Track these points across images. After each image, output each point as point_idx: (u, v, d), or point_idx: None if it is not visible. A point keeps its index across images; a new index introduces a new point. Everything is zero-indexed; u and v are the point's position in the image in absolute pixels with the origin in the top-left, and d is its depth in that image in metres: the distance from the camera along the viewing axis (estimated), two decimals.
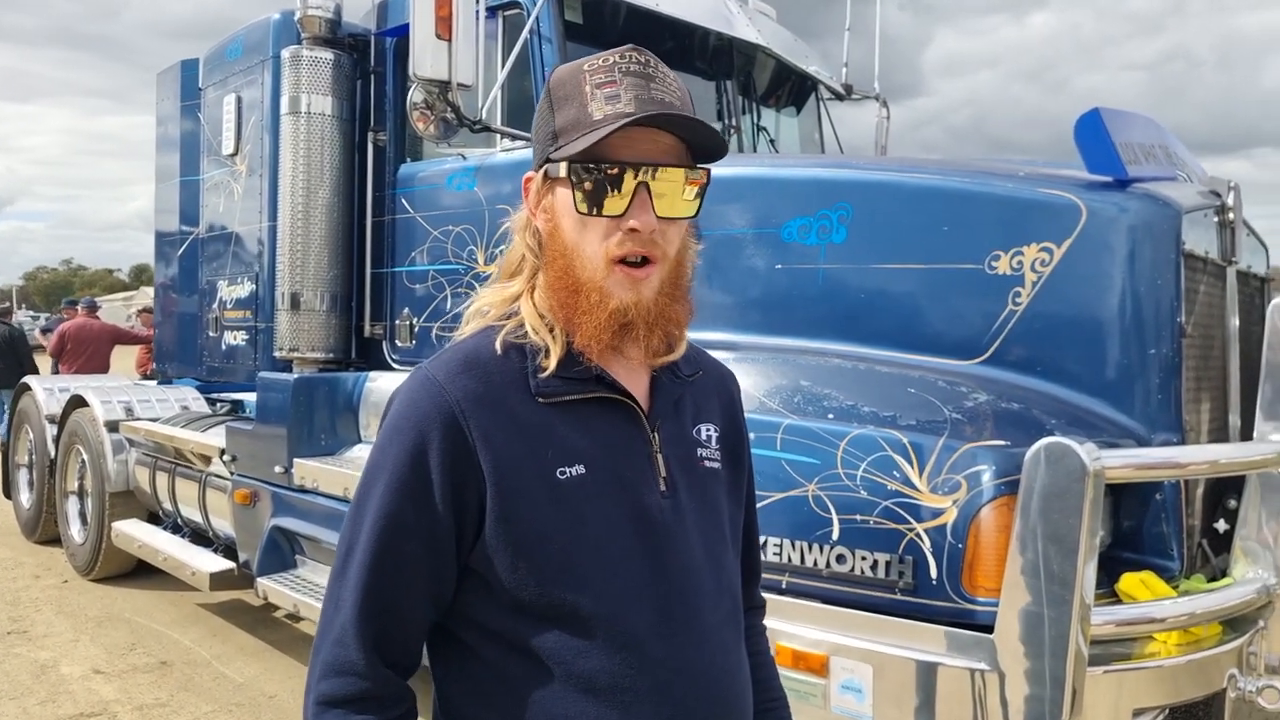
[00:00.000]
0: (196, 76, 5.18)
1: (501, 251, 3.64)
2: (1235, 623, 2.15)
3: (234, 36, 4.87)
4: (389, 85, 4.21)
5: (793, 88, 4.64)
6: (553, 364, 1.07)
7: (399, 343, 4.16)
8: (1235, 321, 2.71)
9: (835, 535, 2.16)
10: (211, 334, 5.08)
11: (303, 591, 3.92)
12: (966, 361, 2.55)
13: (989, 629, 1.92)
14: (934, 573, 2.03)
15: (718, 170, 3.23)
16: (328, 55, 4.13)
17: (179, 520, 5.32)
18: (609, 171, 1.03)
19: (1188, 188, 2.65)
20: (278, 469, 4.11)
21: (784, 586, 2.22)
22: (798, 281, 2.90)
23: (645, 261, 1.06)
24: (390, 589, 1.04)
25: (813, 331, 2.83)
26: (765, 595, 2.21)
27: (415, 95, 3.10)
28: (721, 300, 3.06)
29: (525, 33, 3.45)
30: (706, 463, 1.17)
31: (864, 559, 2.12)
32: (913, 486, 2.09)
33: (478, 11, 3.22)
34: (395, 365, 4.20)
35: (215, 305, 5.02)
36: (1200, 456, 2.17)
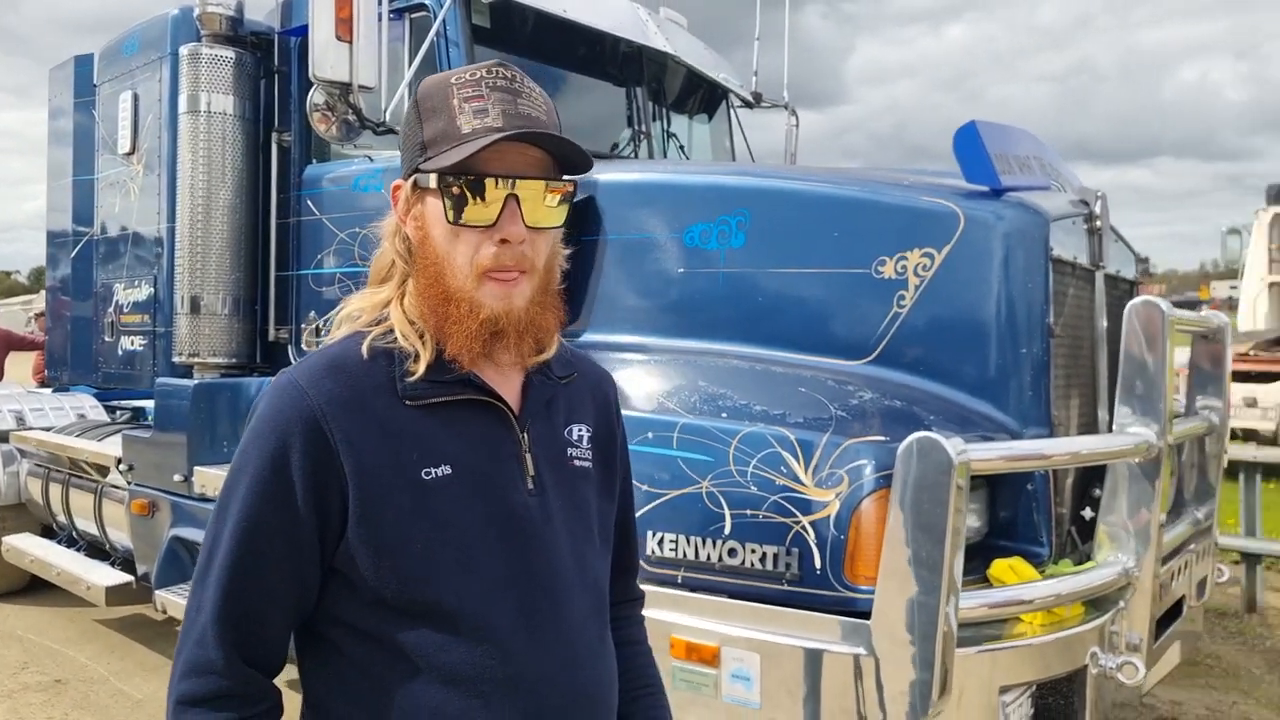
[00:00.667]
0: (91, 72, 5.00)
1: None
2: (1097, 603, 2.30)
3: (130, 32, 4.72)
4: (293, 85, 4.13)
5: (703, 95, 4.74)
6: (421, 368, 1.09)
7: (305, 347, 4.09)
8: (1104, 323, 2.89)
9: (727, 530, 2.23)
10: (108, 339, 4.90)
11: None
12: (855, 362, 2.66)
13: (869, 615, 2.02)
14: (818, 563, 2.11)
15: (624, 176, 3.32)
16: (229, 53, 4.04)
17: (74, 533, 5.12)
18: (479, 183, 1.05)
19: (1059, 197, 2.82)
20: (177, 477, 4.00)
21: (679, 581, 2.28)
22: (699, 285, 2.97)
23: (516, 272, 1.09)
24: (251, 591, 1.05)
25: (713, 333, 2.91)
26: (663, 590, 2.28)
27: (316, 96, 3.07)
28: (627, 302, 3.11)
29: (431, 35, 3.45)
30: (576, 462, 1.20)
31: (754, 552, 2.19)
32: (799, 481, 2.18)
33: (380, 13, 3.21)
34: None
35: (112, 309, 4.84)
36: (1063, 448, 2.32)
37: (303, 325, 4.10)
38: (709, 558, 2.25)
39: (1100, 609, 2.29)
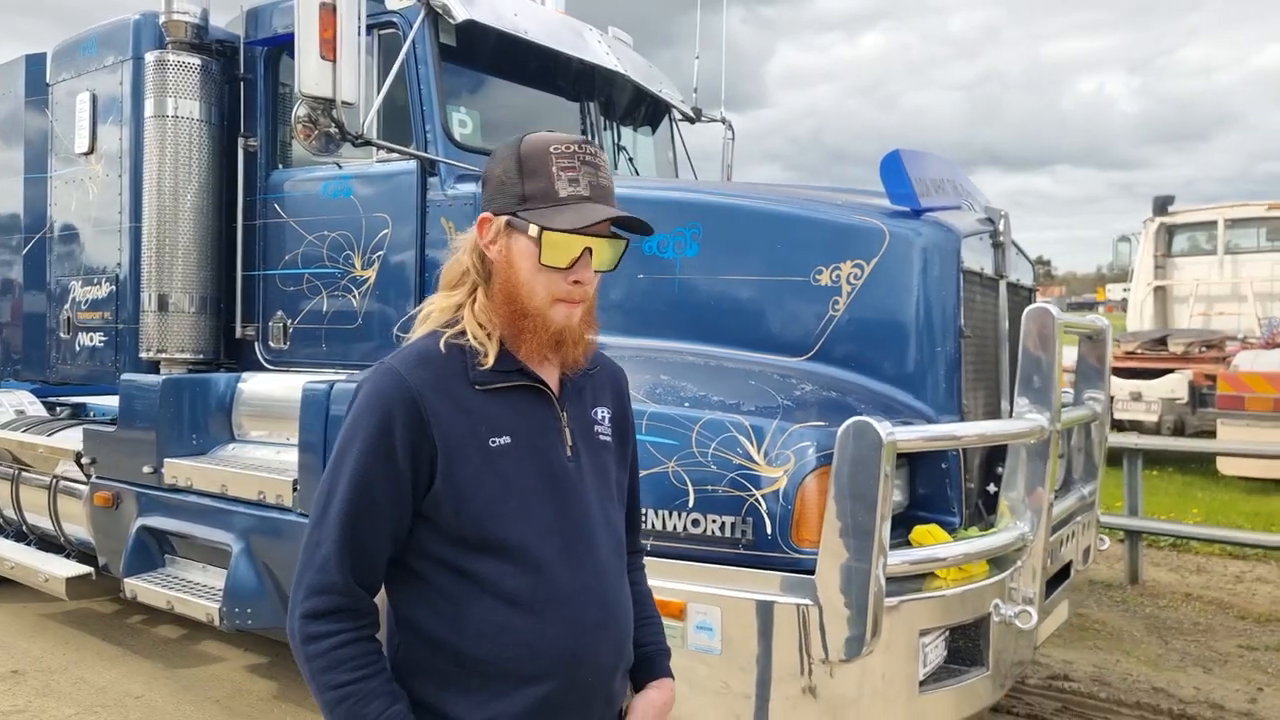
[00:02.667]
0: (44, 71, 5.03)
1: (380, 256, 3.88)
2: (999, 562, 2.72)
3: (89, 33, 4.78)
4: (259, 92, 4.31)
5: (648, 110, 5.07)
6: (490, 362, 1.41)
7: (272, 344, 4.28)
8: (1006, 325, 3.33)
9: (691, 504, 2.57)
10: (64, 336, 4.96)
11: (177, 588, 3.97)
12: (796, 358, 3.03)
13: (812, 572, 2.38)
14: (769, 530, 2.47)
15: None
16: (195, 61, 4.19)
17: (23, 528, 5.15)
18: (566, 238, 1.37)
19: (969, 216, 3.25)
20: (146, 469, 4.14)
21: (649, 549, 2.59)
22: (657, 290, 3.30)
23: (580, 300, 1.43)
24: (364, 528, 1.35)
25: (671, 333, 3.24)
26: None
27: (300, 110, 3.28)
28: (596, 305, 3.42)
29: (402, 55, 3.69)
30: (600, 436, 1.53)
31: (714, 522, 2.54)
32: (753, 461, 2.53)
33: (360, 29, 3.42)
34: (268, 366, 4.31)
35: (68, 306, 4.90)
36: (972, 431, 2.74)
37: (270, 323, 4.28)
38: (675, 528, 2.58)
39: (1001, 567, 2.71)
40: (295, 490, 3.55)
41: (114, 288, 4.62)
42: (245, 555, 3.72)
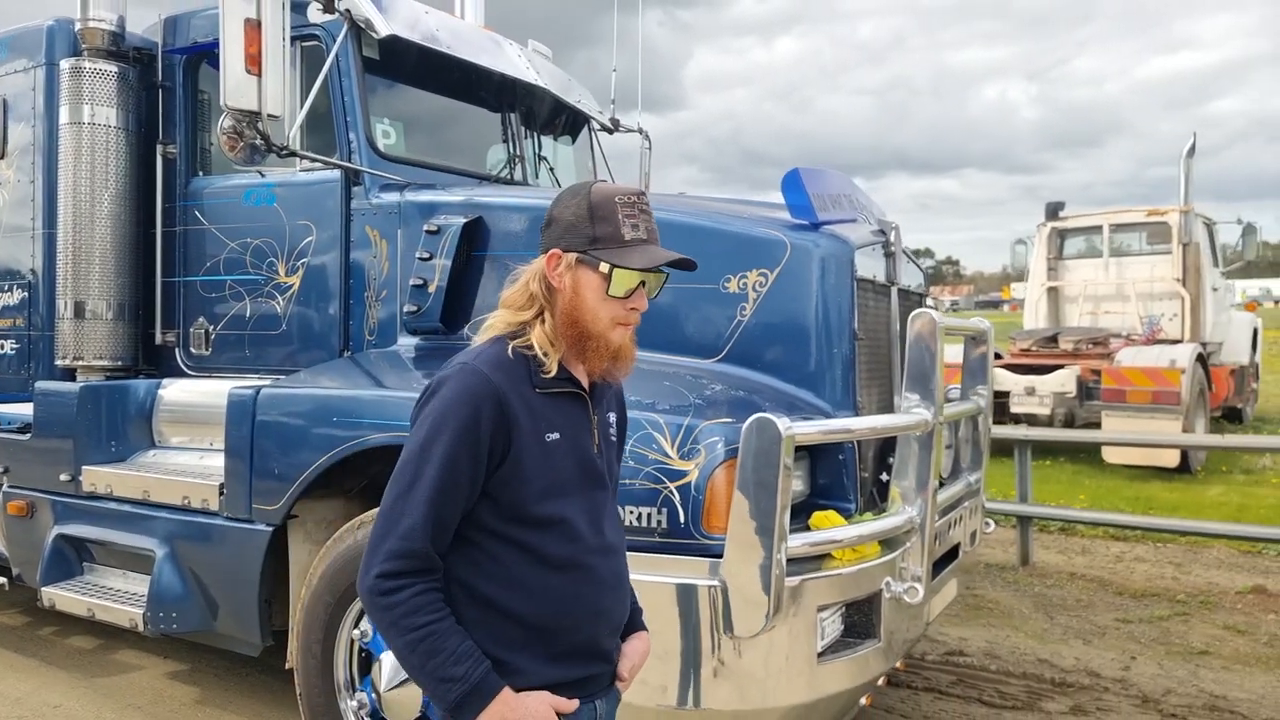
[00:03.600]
0: None
1: (304, 263, 3.96)
2: (890, 543, 2.99)
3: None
4: (178, 100, 4.32)
5: (567, 121, 5.24)
6: (553, 371, 1.69)
7: (193, 350, 4.30)
8: (897, 327, 3.63)
9: None
10: None
11: (97, 595, 3.97)
12: (708, 360, 3.25)
13: (720, 556, 2.60)
14: (682, 519, 2.68)
15: (509, 199, 3.92)
16: (112, 68, 4.19)
17: None
18: (628, 275, 1.67)
19: (863, 228, 3.52)
20: (64, 477, 4.11)
21: None
22: None
23: (632, 323, 1.74)
24: (447, 504, 1.61)
25: None
26: None
27: (225, 122, 3.34)
28: None
29: (326, 67, 3.78)
30: (611, 436, 1.88)
31: (632, 513, 2.73)
32: (667, 455, 2.74)
33: (285, 43, 3.49)
34: (189, 372, 4.33)
35: None
36: (864, 424, 3.00)
37: (191, 329, 4.30)
38: None
39: (891, 548, 2.98)
40: (221, 494, 3.61)
41: (27, 294, 4.56)
42: (170, 560, 3.75)
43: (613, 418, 1.88)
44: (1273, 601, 5.84)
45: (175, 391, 4.27)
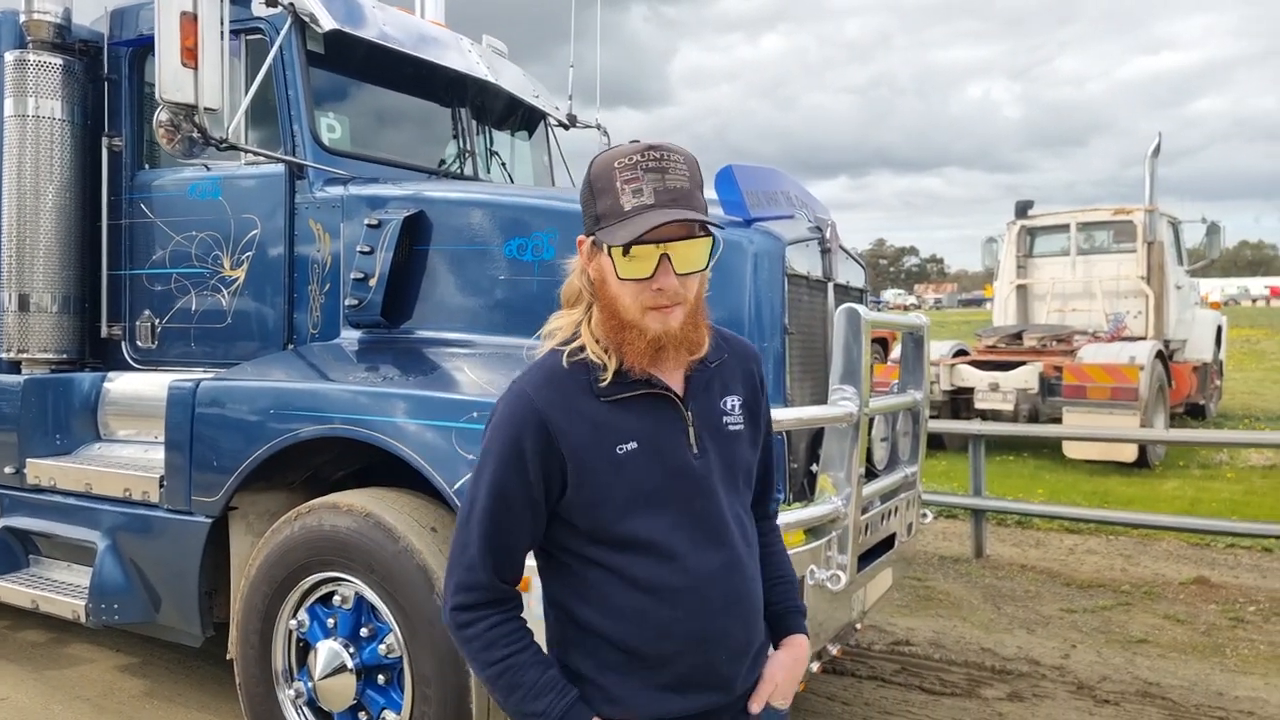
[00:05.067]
0: None
1: (249, 257, 3.97)
2: (815, 532, 3.05)
3: None
4: (124, 92, 4.32)
5: (523, 117, 5.26)
6: (609, 376, 1.52)
7: (140, 343, 4.30)
8: (833, 323, 3.67)
9: None
10: None
11: (42, 587, 3.98)
12: None
13: None
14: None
15: (452, 194, 3.94)
16: (56, 60, 4.18)
17: None
18: (638, 250, 1.43)
19: (799, 225, 3.57)
20: (8, 470, 4.12)
21: None
22: (517, 290, 3.51)
23: (674, 304, 1.48)
24: (502, 531, 1.52)
25: (529, 331, 3.39)
26: None
27: (161, 115, 3.35)
28: (455, 304, 3.61)
29: (270, 59, 3.79)
30: (730, 426, 1.61)
31: None
32: None
33: (223, 35, 3.50)
34: (135, 365, 4.33)
35: None
36: (792, 415, 3.06)
37: (137, 322, 4.30)
38: None
39: (817, 536, 3.04)
40: (162, 487, 3.62)
41: None
42: (111, 552, 3.77)
43: (732, 403, 1.61)
44: (1214, 592, 5.97)
45: (121, 384, 4.28)
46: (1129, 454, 9.58)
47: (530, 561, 1.61)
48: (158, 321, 4.24)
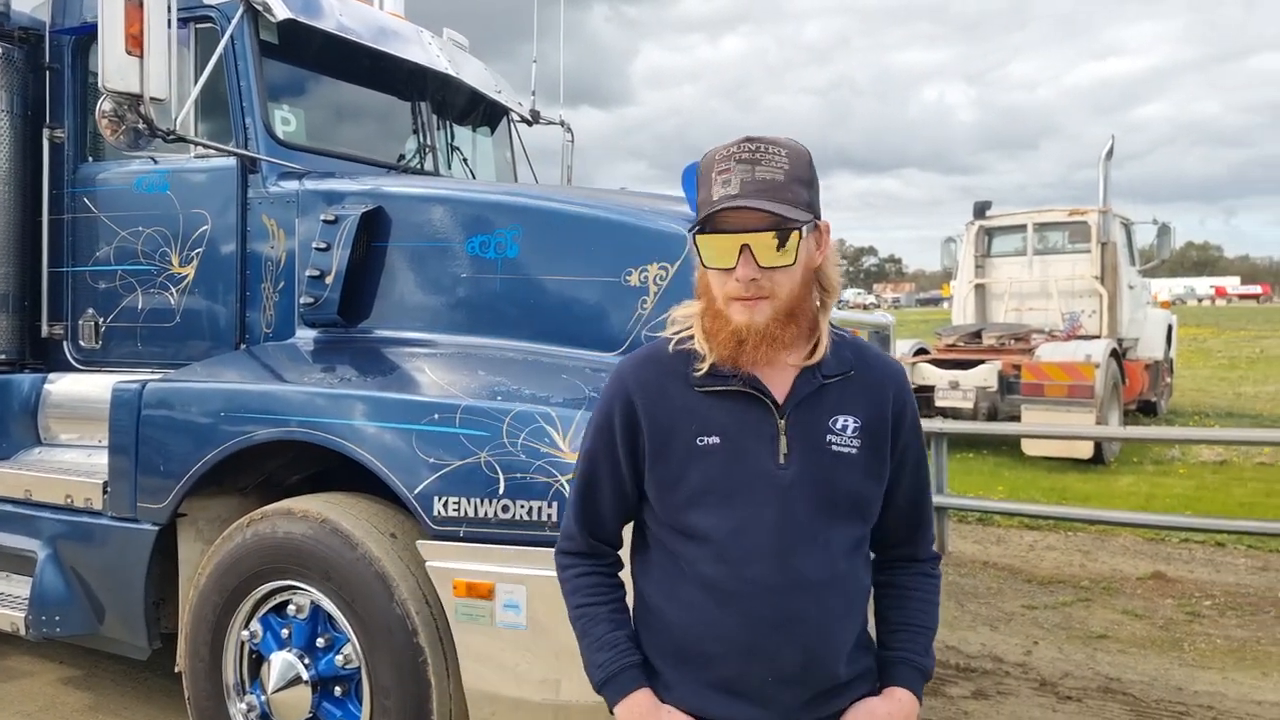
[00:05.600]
0: None
1: (199, 253, 3.83)
2: None
3: None
4: (66, 82, 4.14)
5: (485, 112, 5.16)
6: (705, 367, 1.52)
7: (83, 343, 4.13)
8: None
9: (502, 491, 2.72)
10: None
11: None
12: (609, 353, 3.21)
13: None
14: (569, 509, 2.65)
15: (412, 190, 3.83)
16: None
17: None
18: (717, 238, 1.45)
19: None
20: None
21: (462, 535, 2.75)
22: (480, 289, 3.42)
23: (757, 298, 1.46)
24: (590, 491, 1.64)
25: (492, 330, 3.37)
26: (448, 544, 2.71)
27: (105, 105, 3.21)
28: (416, 303, 3.51)
29: (220, 48, 3.65)
30: (834, 446, 1.53)
31: (523, 507, 2.70)
32: (559, 449, 2.71)
33: (170, 23, 3.35)
34: (78, 366, 4.15)
35: None
36: None
37: (80, 322, 4.13)
38: (486, 515, 2.72)
39: None
40: (106, 493, 3.47)
41: None
42: (52, 561, 3.60)
43: (845, 422, 1.54)
44: (1170, 586, 6.07)
45: (62, 386, 4.10)
46: (1085, 451, 9.74)
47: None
48: (102, 321, 4.07)
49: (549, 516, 2.67)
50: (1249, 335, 30.42)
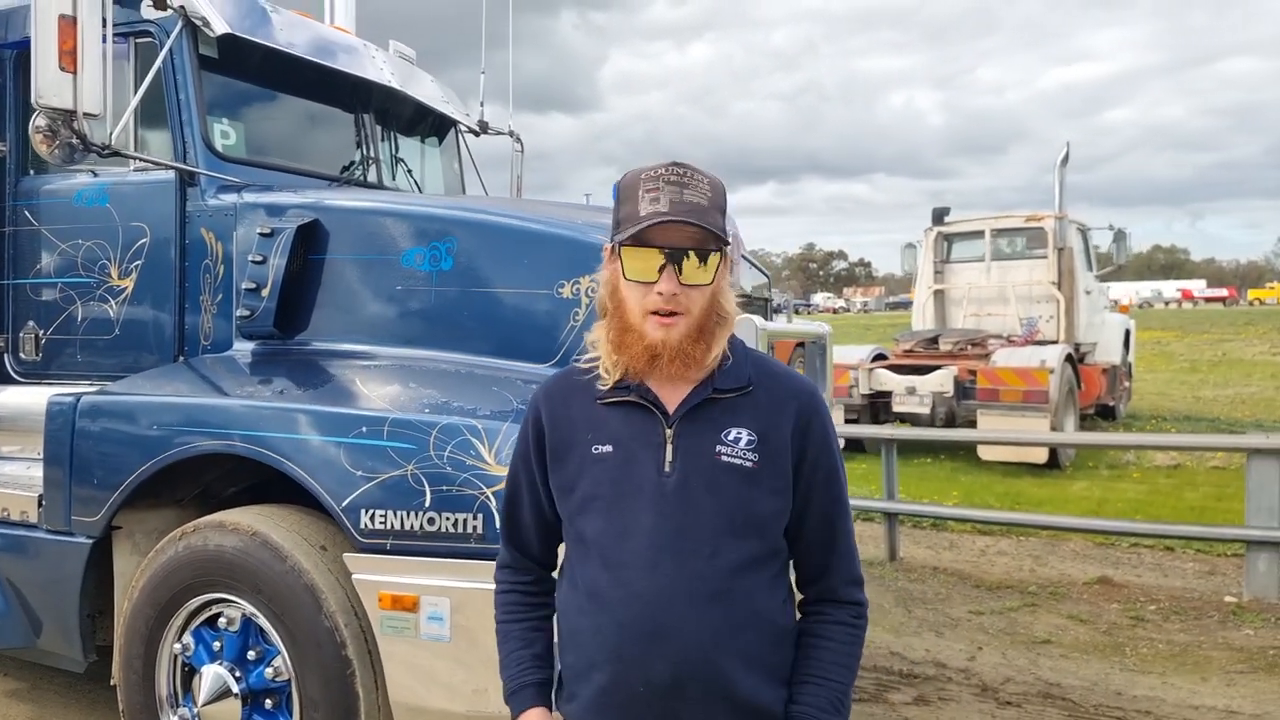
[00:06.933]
0: None
1: (138, 266, 3.83)
2: None
3: None
4: (8, 96, 4.13)
5: (432, 123, 5.19)
6: (610, 382, 1.59)
7: (23, 355, 4.11)
8: None
9: (428, 503, 2.75)
10: None
11: None
12: (542, 365, 3.26)
13: None
14: (498, 524, 2.69)
15: (348, 203, 3.86)
16: None
17: None
18: (643, 251, 1.50)
19: None
20: None
21: (389, 548, 2.78)
22: (415, 301, 3.45)
23: (673, 313, 1.52)
24: (513, 507, 1.74)
25: (426, 343, 3.40)
26: (373, 557, 2.74)
27: (39, 120, 3.21)
28: (351, 315, 3.53)
29: (159, 63, 3.66)
30: (724, 457, 1.54)
31: (449, 519, 2.73)
32: (484, 461, 2.75)
33: (105, 37, 3.35)
34: (18, 378, 4.14)
35: None
36: None
37: (20, 334, 4.11)
38: (412, 527, 2.76)
39: None
40: (40, 506, 3.46)
41: None
42: None
43: (737, 434, 1.55)
44: (1116, 591, 6.19)
45: (2, 399, 4.08)
46: (1040, 455, 9.90)
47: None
48: (42, 333, 4.06)
49: (474, 529, 2.71)
50: (1212, 338, 30.96)
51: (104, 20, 3.27)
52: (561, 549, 1.73)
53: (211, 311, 3.70)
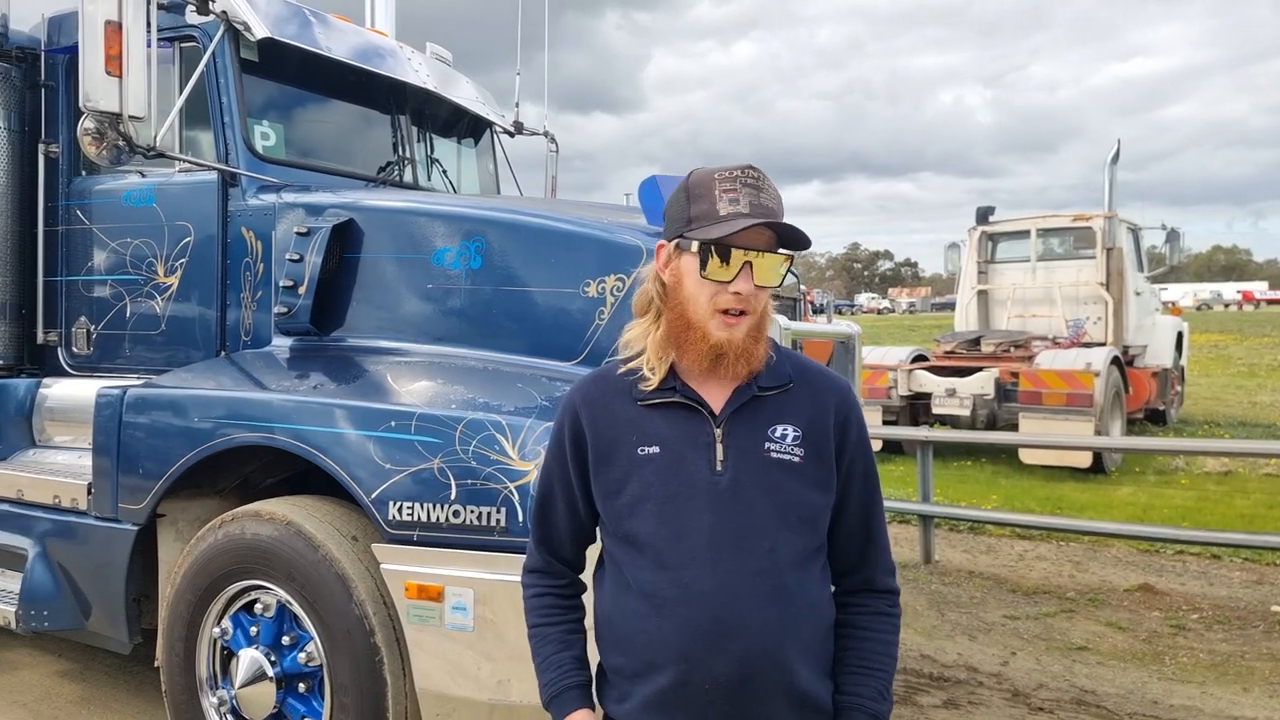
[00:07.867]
0: None
1: (182, 264, 3.97)
2: None
3: None
4: (60, 100, 4.30)
5: (468, 125, 5.28)
6: (654, 384, 1.60)
7: (76, 350, 4.28)
8: None
9: (453, 497, 2.81)
10: None
11: None
12: (567, 363, 3.31)
13: None
14: (520, 518, 2.75)
15: (382, 203, 3.97)
16: None
17: None
18: (726, 252, 1.52)
19: None
20: None
21: (415, 539, 2.85)
22: (445, 299, 3.53)
23: (741, 313, 1.54)
24: (547, 510, 1.73)
25: (456, 340, 3.47)
26: (401, 548, 2.82)
27: (87, 123, 3.35)
28: (386, 313, 3.62)
29: (202, 67, 3.79)
30: (774, 454, 1.57)
31: (473, 512, 2.79)
32: (508, 456, 2.80)
33: (149, 43, 3.47)
34: (72, 371, 4.31)
35: None
36: None
37: (73, 329, 4.29)
38: (438, 519, 2.82)
39: None
40: (90, 494, 3.61)
41: None
42: (41, 558, 3.75)
43: (784, 430, 1.58)
44: (1158, 599, 6.05)
45: (56, 391, 4.26)
46: (1083, 460, 9.69)
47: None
48: (93, 328, 4.22)
49: (498, 522, 2.77)
50: (1272, 342, 29.95)
51: (149, 25, 3.39)
52: (591, 553, 1.76)
53: (251, 308, 3.82)
